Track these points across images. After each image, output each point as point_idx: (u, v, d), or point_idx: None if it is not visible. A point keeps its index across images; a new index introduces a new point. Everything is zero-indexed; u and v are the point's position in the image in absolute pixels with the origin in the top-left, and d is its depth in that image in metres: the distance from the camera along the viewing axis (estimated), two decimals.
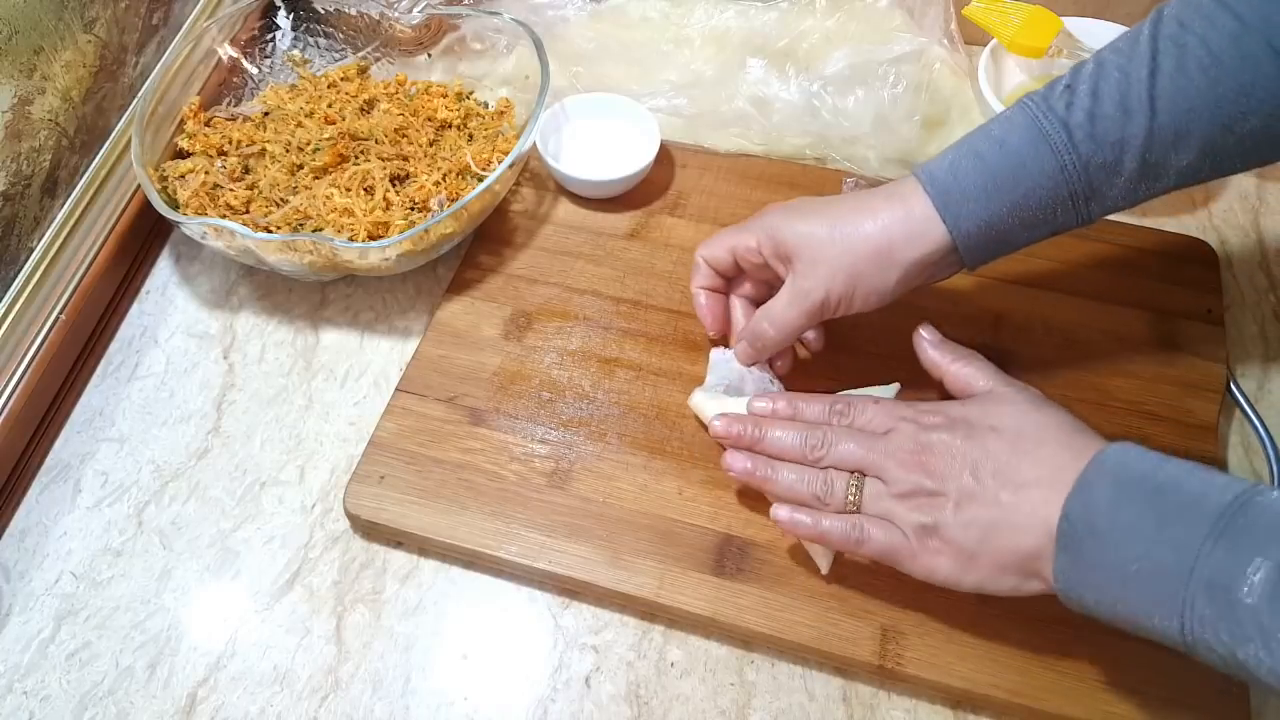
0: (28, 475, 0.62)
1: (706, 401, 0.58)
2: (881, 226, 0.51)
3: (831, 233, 0.52)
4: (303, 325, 0.69)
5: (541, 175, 0.74)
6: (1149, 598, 0.40)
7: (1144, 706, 0.50)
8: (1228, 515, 0.39)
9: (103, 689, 0.54)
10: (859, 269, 0.52)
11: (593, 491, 0.58)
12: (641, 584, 0.54)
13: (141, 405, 0.65)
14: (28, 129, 0.63)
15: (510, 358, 0.64)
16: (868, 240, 0.52)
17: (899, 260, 0.51)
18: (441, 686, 0.54)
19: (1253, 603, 0.37)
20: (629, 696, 0.53)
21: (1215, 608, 0.38)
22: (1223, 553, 0.38)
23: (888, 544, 0.48)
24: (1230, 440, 0.61)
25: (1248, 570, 0.37)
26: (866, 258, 0.52)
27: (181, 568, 0.58)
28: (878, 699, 0.53)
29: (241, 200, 0.66)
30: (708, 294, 0.60)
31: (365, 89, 0.75)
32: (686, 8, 0.81)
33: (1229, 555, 0.38)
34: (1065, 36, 0.75)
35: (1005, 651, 0.52)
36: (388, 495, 0.58)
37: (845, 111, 0.73)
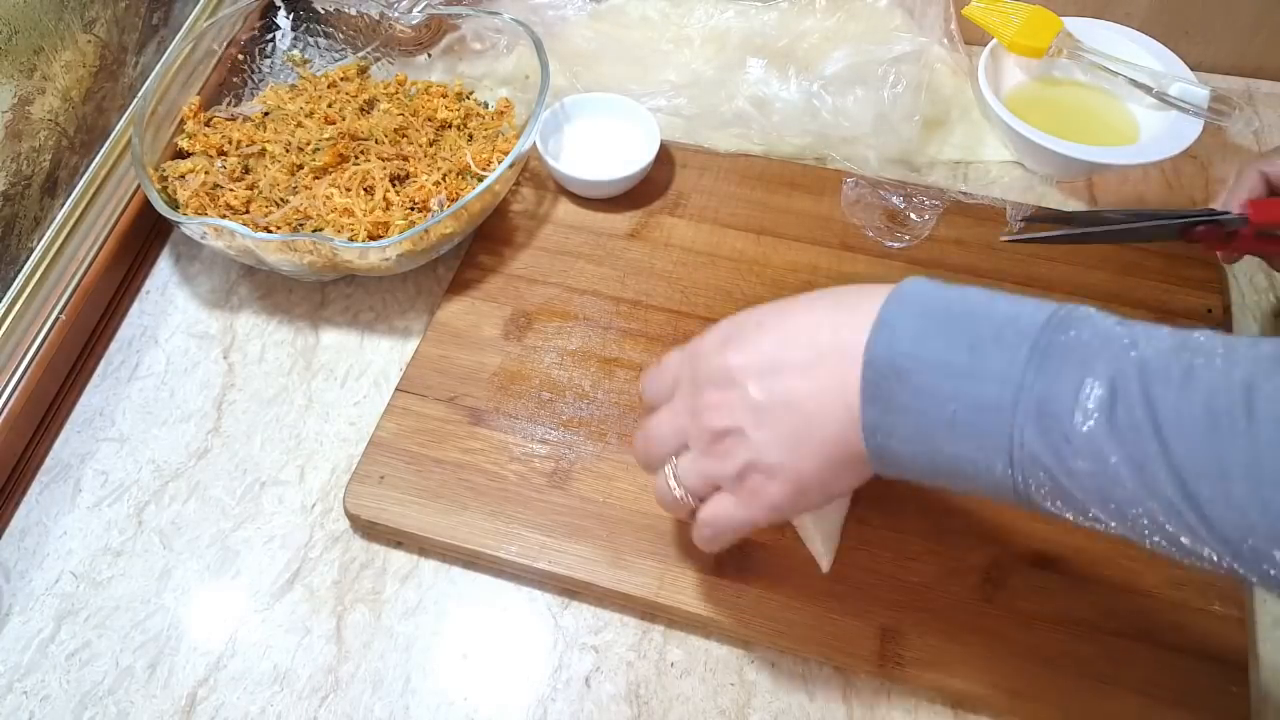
0: (28, 475, 0.62)
1: None
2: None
3: None
4: (303, 325, 0.69)
5: (541, 175, 0.74)
6: (971, 441, 0.36)
7: (1144, 706, 0.50)
8: (1047, 334, 0.35)
9: (103, 689, 0.54)
10: None
11: (593, 491, 0.58)
12: (641, 584, 0.54)
13: (141, 405, 0.65)
14: (28, 129, 0.63)
15: (510, 358, 0.64)
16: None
17: None
18: (441, 686, 0.54)
19: (1089, 429, 0.33)
20: (629, 696, 0.53)
21: (1047, 440, 0.34)
22: (1048, 377, 0.34)
23: (719, 513, 0.45)
24: None
25: (1080, 395, 0.33)
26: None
27: (181, 568, 0.58)
28: (878, 699, 0.53)
29: (241, 200, 0.66)
30: None
31: (365, 89, 0.75)
32: (686, 8, 0.81)
33: (1055, 379, 0.34)
34: (1065, 36, 0.75)
35: (1005, 651, 0.52)
36: (388, 495, 0.58)
37: (845, 111, 0.73)
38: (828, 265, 0.68)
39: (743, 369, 0.42)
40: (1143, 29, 0.76)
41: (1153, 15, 0.78)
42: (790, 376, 0.41)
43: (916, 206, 0.70)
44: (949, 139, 0.77)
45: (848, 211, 0.71)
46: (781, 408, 0.41)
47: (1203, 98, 0.71)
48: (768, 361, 0.42)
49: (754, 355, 0.43)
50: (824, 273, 0.68)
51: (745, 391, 0.42)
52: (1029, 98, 0.76)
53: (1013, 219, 0.70)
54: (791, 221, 0.71)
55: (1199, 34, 0.79)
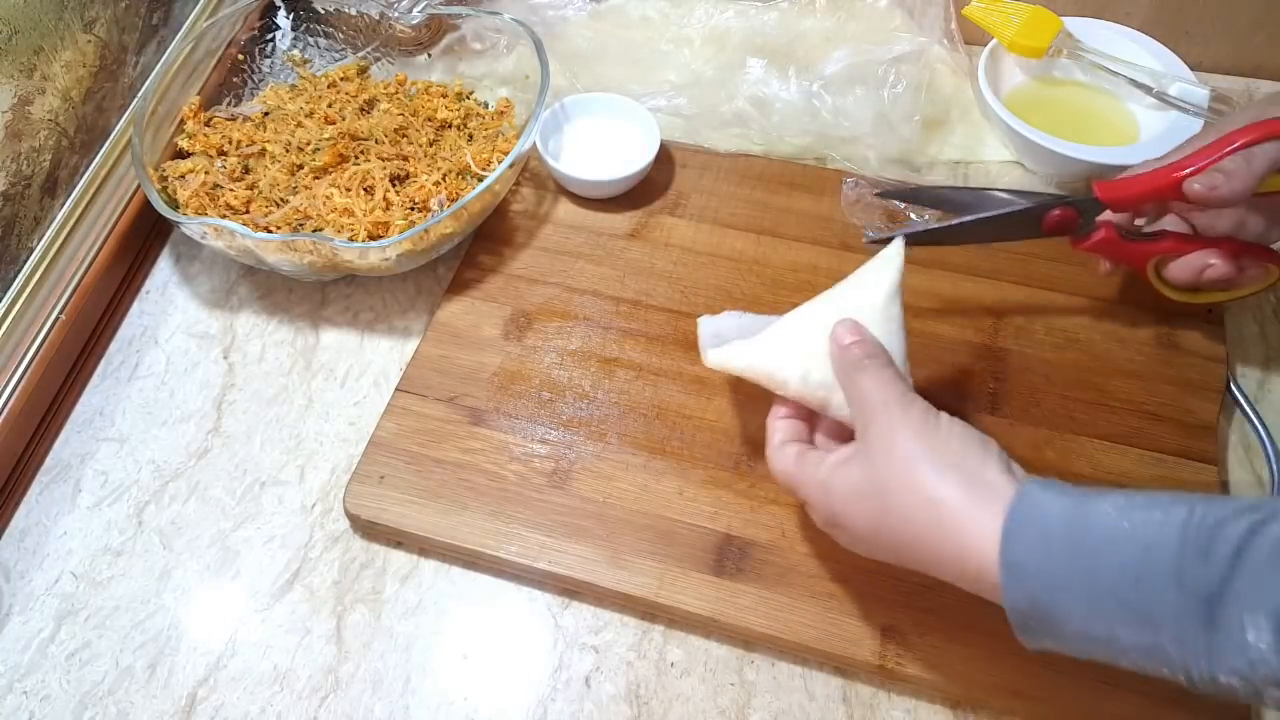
0: (28, 475, 0.62)
1: (735, 349, 0.54)
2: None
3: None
4: (303, 325, 0.69)
5: (541, 175, 0.74)
6: (1140, 656, 0.38)
7: (1144, 707, 0.50)
8: (1190, 568, 0.36)
9: (103, 689, 0.54)
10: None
11: (593, 491, 0.58)
12: (641, 584, 0.54)
13: (141, 405, 0.65)
14: (28, 129, 0.63)
15: (510, 358, 0.64)
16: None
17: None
18: (441, 686, 0.54)
19: (1263, 652, 0.34)
20: (629, 696, 0.53)
21: (1225, 665, 0.35)
22: (1211, 630, 0.35)
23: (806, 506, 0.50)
24: (1230, 440, 0.61)
25: (1247, 636, 0.34)
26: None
27: (181, 568, 0.58)
28: (878, 699, 0.53)
29: (241, 200, 0.66)
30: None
31: (365, 89, 0.75)
32: (686, 8, 0.81)
33: (1217, 630, 0.35)
34: (1065, 36, 0.75)
35: (1005, 651, 0.51)
36: (388, 495, 0.58)
37: (845, 111, 0.73)
38: (828, 265, 0.68)
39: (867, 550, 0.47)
40: (1143, 29, 0.76)
41: (1153, 15, 0.78)
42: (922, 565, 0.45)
43: (916, 207, 0.70)
44: (949, 139, 0.77)
45: (848, 211, 0.71)
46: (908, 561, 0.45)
47: (1203, 98, 0.71)
48: (893, 558, 0.46)
49: (875, 553, 0.47)
50: (824, 272, 0.68)
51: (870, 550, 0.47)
52: (1029, 98, 0.76)
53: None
54: (791, 221, 0.71)
55: (1199, 34, 0.79)
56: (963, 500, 0.41)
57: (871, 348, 0.48)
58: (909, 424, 0.44)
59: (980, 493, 0.41)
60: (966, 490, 0.42)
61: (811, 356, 0.51)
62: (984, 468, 0.42)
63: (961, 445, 0.43)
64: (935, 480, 0.42)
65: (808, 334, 0.52)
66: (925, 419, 0.45)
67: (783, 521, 0.56)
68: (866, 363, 0.47)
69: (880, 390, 0.46)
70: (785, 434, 0.52)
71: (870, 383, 0.47)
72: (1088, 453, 0.59)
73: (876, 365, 0.47)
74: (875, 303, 0.51)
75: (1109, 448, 0.59)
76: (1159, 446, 0.59)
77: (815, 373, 0.50)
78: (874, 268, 0.52)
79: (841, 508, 0.46)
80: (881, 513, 0.44)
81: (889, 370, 0.47)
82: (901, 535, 0.44)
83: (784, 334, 0.53)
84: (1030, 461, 0.55)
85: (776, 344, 0.53)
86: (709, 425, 0.61)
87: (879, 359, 0.48)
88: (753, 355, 0.53)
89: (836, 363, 0.49)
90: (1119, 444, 0.59)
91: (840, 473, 0.46)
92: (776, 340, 0.53)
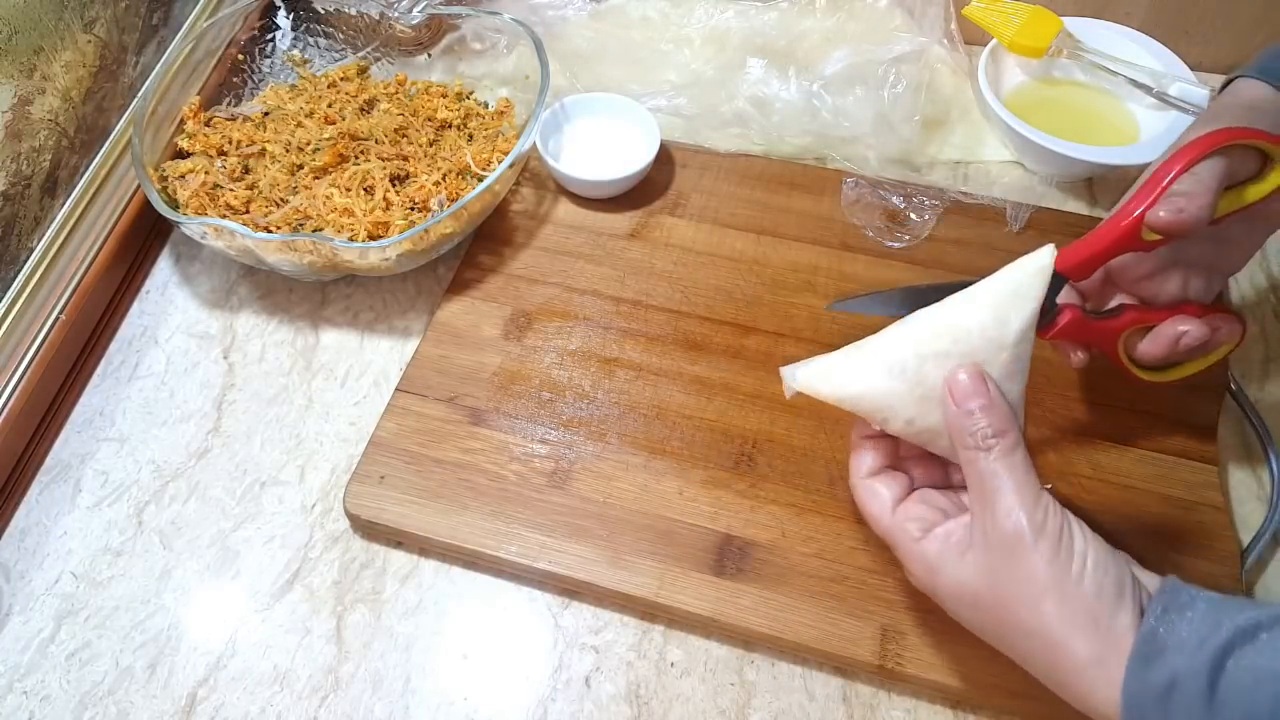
0: (28, 475, 0.62)
1: (825, 368, 0.46)
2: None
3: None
4: (303, 325, 0.69)
5: (541, 175, 0.74)
6: None
7: None
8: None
9: (103, 689, 0.54)
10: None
11: (593, 491, 0.58)
12: (641, 584, 0.54)
13: (141, 405, 0.65)
14: (28, 129, 0.63)
15: (510, 358, 0.64)
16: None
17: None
18: (441, 686, 0.54)
19: None
20: (629, 696, 0.53)
21: None
22: None
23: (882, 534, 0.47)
24: (1230, 440, 0.61)
25: None
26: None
27: (181, 568, 0.58)
28: (878, 699, 0.53)
29: (241, 200, 0.66)
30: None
31: (365, 89, 0.75)
32: (686, 8, 0.81)
33: None
34: (1065, 36, 0.75)
35: None
36: (388, 495, 0.58)
37: (845, 111, 0.73)
38: (828, 265, 0.68)
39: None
40: (1143, 29, 0.76)
41: (1153, 15, 0.78)
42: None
43: (916, 206, 0.70)
44: (949, 139, 0.77)
45: (848, 211, 0.71)
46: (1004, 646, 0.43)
47: (1203, 98, 0.71)
48: (997, 647, 0.44)
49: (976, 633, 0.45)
50: (824, 273, 0.68)
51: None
52: (1029, 98, 0.76)
53: (1012, 218, 0.69)
54: (791, 221, 0.71)
55: (1199, 34, 0.79)
56: (1088, 660, 0.39)
57: (1001, 419, 0.41)
58: (1041, 552, 0.40)
59: (1108, 653, 0.38)
60: (1094, 648, 0.39)
61: (923, 399, 0.43)
62: (1115, 620, 0.39)
63: (1095, 590, 0.39)
64: (1063, 630, 0.39)
65: (920, 366, 0.43)
66: (1059, 545, 0.40)
67: (783, 521, 0.56)
68: (993, 442, 0.41)
69: (1009, 488, 0.41)
70: (874, 461, 0.47)
71: (999, 473, 0.41)
72: (1088, 453, 0.59)
73: (1005, 448, 0.41)
74: (1006, 339, 0.42)
75: (1109, 448, 0.59)
76: (1159, 446, 0.59)
77: (925, 418, 0.43)
78: (1010, 286, 0.43)
79: (948, 597, 0.44)
80: (995, 627, 0.42)
81: (1019, 455, 0.41)
82: (1011, 651, 0.42)
83: (889, 357, 0.44)
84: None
85: (877, 371, 0.44)
86: (709, 425, 0.61)
87: (1008, 437, 0.42)
88: (847, 382, 0.45)
89: (954, 427, 0.42)
90: (1119, 444, 0.59)
91: (952, 563, 0.42)
92: (877, 366, 0.44)
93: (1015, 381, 0.43)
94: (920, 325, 0.44)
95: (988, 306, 0.43)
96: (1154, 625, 0.38)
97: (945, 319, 0.44)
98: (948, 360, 0.43)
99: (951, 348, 0.43)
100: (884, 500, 0.46)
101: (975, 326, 0.43)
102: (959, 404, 0.42)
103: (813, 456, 0.59)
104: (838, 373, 0.45)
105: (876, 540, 0.55)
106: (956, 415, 0.42)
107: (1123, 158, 0.69)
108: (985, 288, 0.44)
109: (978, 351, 0.42)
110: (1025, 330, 0.42)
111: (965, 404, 0.42)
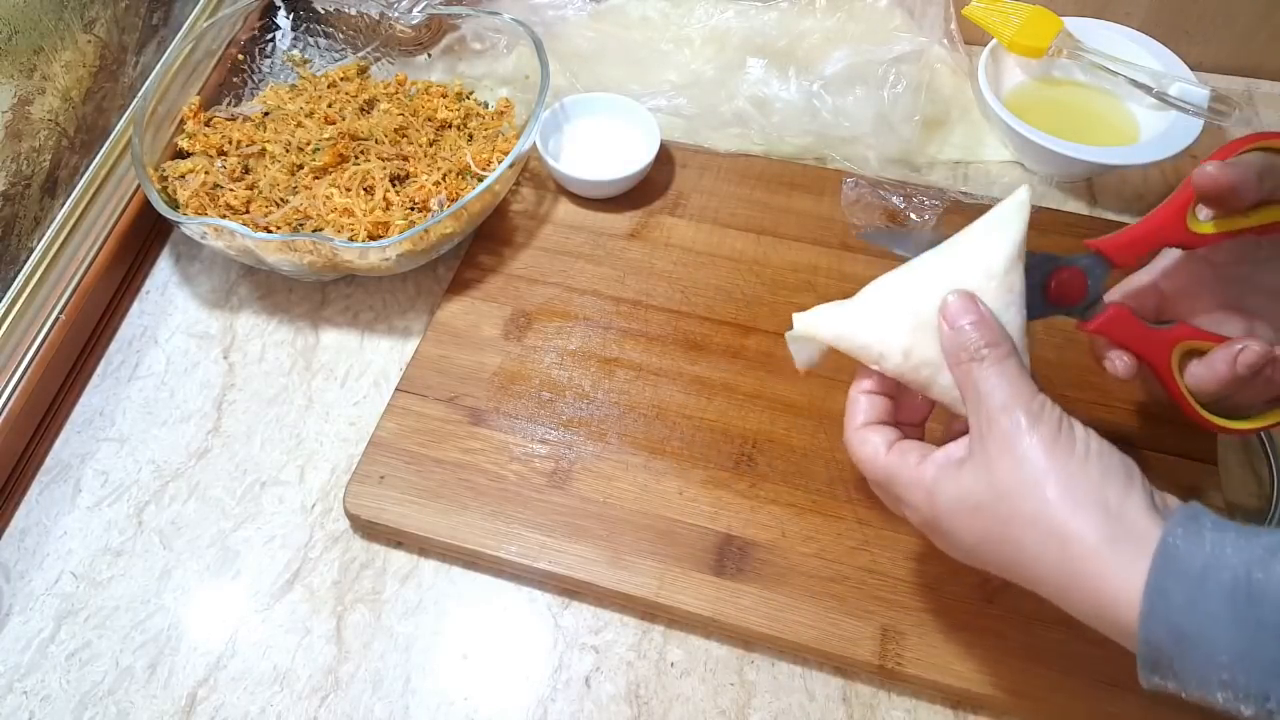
0: (28, 475, 0.62)
1: (825, 312, 0.46)
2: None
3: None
4: (303, 325, 0.69)
5: (541, 175, 0.74)
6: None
7: (1144, 707, 0.50)
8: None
9: (103, 689, 0.54)
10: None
11: (593, 491, 0.58)
12: (641, 584, 0.54)
13: (141, 405, 0.65)
14: (28, 129, 0.63)
15: (510, 358, 0.64)
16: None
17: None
18: (441, 686, 0.54)
19: None
20: (629, 696, 0.53)
21: None
22: None
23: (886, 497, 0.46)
24: (1230, 440, 0.61)
25: None
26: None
27: (181, 568, 0.58)
28: (878, 699, 0.53)
29: (241, 200, 0.66)
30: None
31: (365, 89, 0.75)
32: (686, 8, 0.81)
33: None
34: (1065, 36, 0.75)
35: (1005, 651, 0.52)
36: (388, 495, 0.58)
37: (845, 111, 0.73)
38: (828, 265, 0.68)
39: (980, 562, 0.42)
40: (1143, 29, 0.76)
41: (1153, 15, 0.78)
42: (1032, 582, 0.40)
43: (916, 206, 0.70)
44: (949, 139, 0.77)
45: (848, 211, 0.71)
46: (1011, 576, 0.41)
47: (1203, 98, 0.71)
48: (998, 571, 0.41)
49: (978, 563, 0.42)
50: (824, 273, 0.68)
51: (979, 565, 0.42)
52: (1029, 98, 0.76)
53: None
54: (791, 221, 0.71)
55: (1199, 34, 0.79)
56: (1099, 541, 0.36)
57: (992, 332, 0.41)
58: (1039, 436, 0.39)
59: (1121, 535, 0.36)
60: (1105, 530, 0.36)
61: (918, 329, 0.43)
62: (1126, 503, 0.37)
63: (1101, 472, 0.38)
64: (1067, 512, 0.37)
65: (914, 300, 0.44)
66: (1059, 432, 0.39)
67: (783, 521, 0.56)
68: (985, 352, 0.41)
69: (1003, 388, 0.40)
70: (869, 414, 0.46)
71: (991, 378, 0.40)
72: None
73: (998, 356, 0.41)
74: (993, 268, 0.43)
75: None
76: (1159, 446, 0.59)
77: (921, 349, 0.43)
78: (992, 223, 0.44)
79: (948, 516, 0.41)
80: (998, 532, 0.39)
81: (1012, 362, 0.41)
82: (1017, 559, 0.39)
83: (885, 297, 0.46)
84: None
85: (876, 309, 0.45)
86: (709, 425, 0.61)
87: (1000, 348, 0.41)
88: (845, 321, 0.46)
89: (947, 346, 0.42)
90: (1119, 444, 0.59)
91: (950, 477, 0.41)
92: (876, 304, 0.46)
93: (1010, 313, 0.43)
94: (913, 265, 0.46)
95: (973, 238, 0.45)
96: (1193, 511, 0.37)
97: (936, 255, 0.45)
98: (938, 288, 0.43)
99: (943, 277, 0.44)
100: (877, 443, 0.44)
101: (963, 257, 0.44)
102: (951, 323, 0.42)
103: (813, 456, 0.59)
104: (834, 312, 0.46)
105: (876, 540, 0.55)
106: (949, 335, 0.42)
107: (1123, 158, 0.69)
108: (969, 228, 0.45)
109: (966, 280, 0.43)
110: (1011, 258, 0.43)
111: (956, 321, 0.42)
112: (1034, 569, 0.39)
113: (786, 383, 0.62)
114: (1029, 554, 0.39)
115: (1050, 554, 0.38)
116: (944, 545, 0.44)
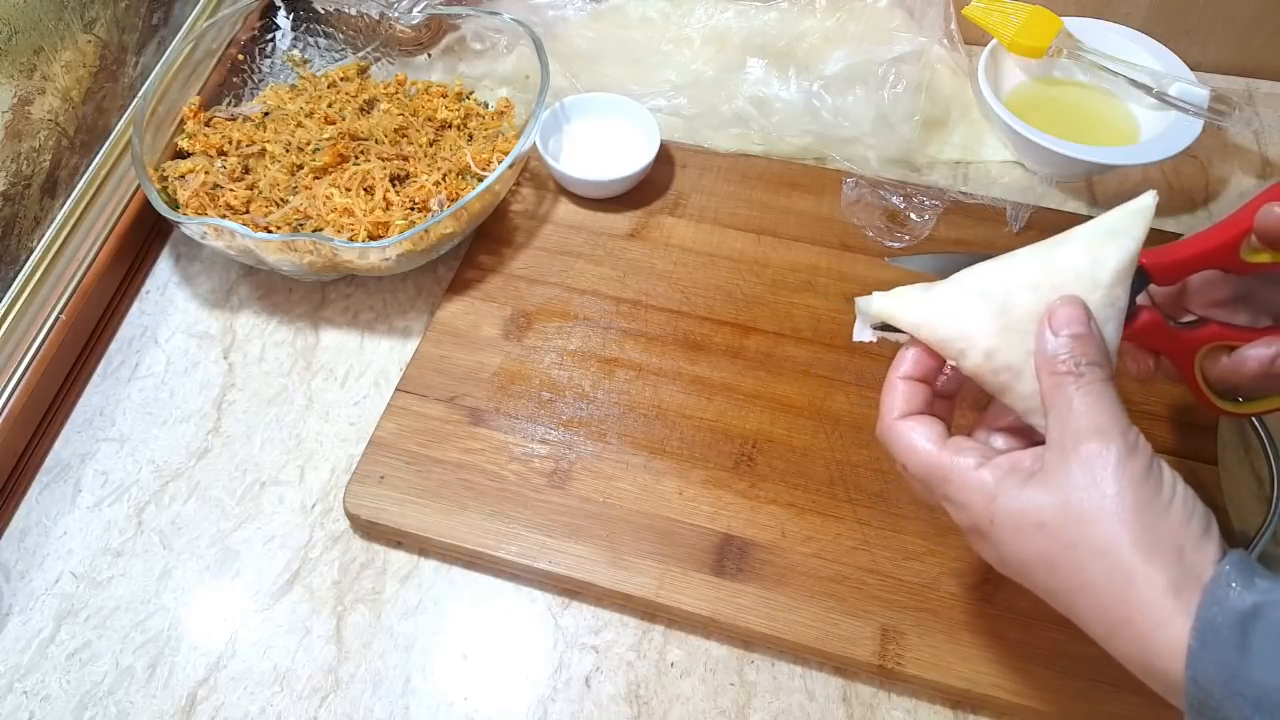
0: (28, 475, 0.62)
1: (909, 296, 0.43)
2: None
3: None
4: (303, 325, 0.69)
5: (541, 175, 0.74)
6: None
7: (1145, 707, 0.50)
8: None
9: (103, 689, 0.54)
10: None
11: (593, 491, 0.58)
12: (641, 584, 0.54)
13: (141, 405, 0.65)
14: (28, 129, 0.63)
15: (510, 358, 0.64)
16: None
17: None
18: (441, 686, 0.54)
19: None
20: (629, 696, 0.53)
21: None
22: None
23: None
24: (1230, 440, 0.61)
25: None
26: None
27: (181, 568, 0.58)
28: (878, 699, 0.53)
29: (241, 200, 0.66)
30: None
31: (365, 89, 0.75)
32: (686, 8, 0.81)
33: None
34: (1065, 36, 0.75)
35: (1005, 651, 0.52)
36: (388, 495, 0.58)
37: (845, 111, 0.73)
38: (828, 265, 0.68)
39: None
40: (1143, 29, 0.76)
41: (1153, 15, 0.78)
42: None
43: (916, 206, 0.70)
44: (949, 139, 0.77)
45: (848, 211, 0.71)
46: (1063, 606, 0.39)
47: (1203, 98, 0.71)
48: (1036, 590, 0.40)
49: (1016, 577, 0.41)
50: (824, 273, 0.68)
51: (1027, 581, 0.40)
52: (1029, 98, 0.76)
53: (1013, 219, 0.69)
54: (791, 221, 0.71)
55: (1199, 34, 0.79)
56: (1167, 587, 0.35)
57: (1098, 350, 0.39)
58: (1129, 470, 0.37)
59: (1188, 584, 0.35)
60: (1175, 577, 0.35)
61: (1006, 330, 0.40)
62: (1199, 554, 0.36)
63: (1183, 519, 0.37)
64: (1144, 552, 0.36)
65: (1007, 298, 0.40)
66: (1149, 470, 0.37)
67: (783, 521, 0.56)
68: (1084, 371, 0.39)
69: (1099, 412, 0.38)
70: (910, 402, 0.43)
71: (1088, 397, 0.38)
72: None
73: (1098, 376, 0.39)
74: (1099, 278, 0.40)
75: None
76: (1159, 446, 0.58)
77: (1006, 352, 0.40)
78: (1105, 229, 0.40)
79: (1006, 529, 0.39)
80: (1058, 555, 0.38)
81: (1112, 386, 0.39)
82: (1070, 586, 0.38)
83: (975, 289, 0.41)
84: None
85: (963, 301, 0.41)
86: (709, 425, 0.61)
87: (1103, 369, 0.39)
88: (929, 309, 0.42)
89: (1043, 356, 0.39)
90: None
91: (1017, 487, 0.39)
92: (963, 296, 0.41)
93: (1108, 329, 0.40)
94: (1010, 259, 0.42)
95: (1082, 242, 0.41)
96: (1244, 557, 0.36)
97: (1037, 253, 0.41)
98: (1037, 291, 0.40)
99: (1042, 279, 0.40)
100: (924, 436, 0.41)
101: (1067, 262, 0.40)
102: (1055, 330, 0.39)
103: (813, 456, 0.59)
104: (917, 298, 0.42)
105: (876, 540, 0.55)
106: (1050, 342, 0.39)
107: (1123, 158, 0.69)
108: (1081, 228, 0.41)
109: (1069, 285, 0.40)
110: (1121, 271, 0.40)
111: (1063, 330, 0.39)
112: (1086, 599, 0.38)
113: (786, 383, 0.62)
114: (1087, 583, 0.37)
115: (1112, 588, 0.36)
116: (988, 554, 0.42)
